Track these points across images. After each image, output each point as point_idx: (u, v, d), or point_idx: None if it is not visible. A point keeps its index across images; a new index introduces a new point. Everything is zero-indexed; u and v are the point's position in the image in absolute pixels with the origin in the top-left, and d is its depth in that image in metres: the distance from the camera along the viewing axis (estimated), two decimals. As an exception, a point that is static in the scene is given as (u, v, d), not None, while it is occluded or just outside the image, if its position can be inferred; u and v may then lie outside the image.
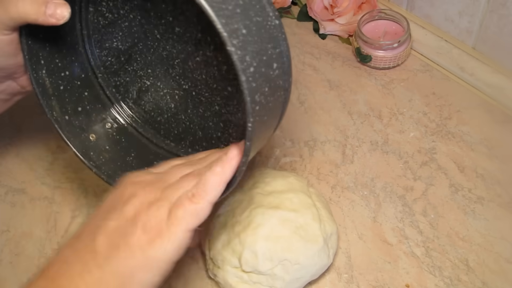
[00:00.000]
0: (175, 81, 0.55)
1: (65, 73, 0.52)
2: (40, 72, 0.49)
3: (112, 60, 0.56)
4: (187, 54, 0.52)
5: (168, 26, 0.52)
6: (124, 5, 0.52)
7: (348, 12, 0.77)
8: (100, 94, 0.57)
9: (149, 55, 0.55)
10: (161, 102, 0.57)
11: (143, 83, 0.57)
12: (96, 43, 0.55)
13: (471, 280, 0.55)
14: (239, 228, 0.53)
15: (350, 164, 0.65)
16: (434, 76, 0.73)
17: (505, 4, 0.63)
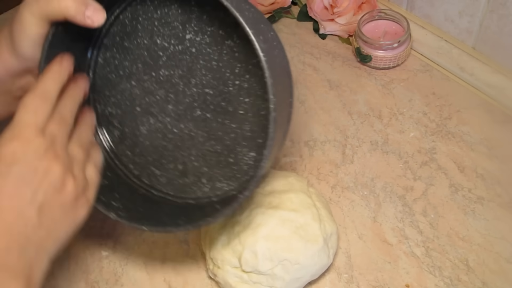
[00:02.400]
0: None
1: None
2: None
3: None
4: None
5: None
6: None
7: (348, 12, 0.77)
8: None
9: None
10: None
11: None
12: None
13: (471, 280, 0.55)
14: (239, 228, 0.53)
15: (350, 164, 0.65)
16: (434, 76, 0.73)
17: (505, 4, 0.63)
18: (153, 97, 0.54)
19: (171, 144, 0.55)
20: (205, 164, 0.54)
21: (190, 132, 0.54)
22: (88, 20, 0.44)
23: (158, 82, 0.54)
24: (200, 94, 0.53)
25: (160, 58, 0.53)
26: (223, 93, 0.52)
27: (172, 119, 0.54)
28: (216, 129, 0.53)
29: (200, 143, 0.54)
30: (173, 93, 0.54)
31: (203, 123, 0.53)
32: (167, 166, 0.55)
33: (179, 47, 0.52)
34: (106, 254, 0.60)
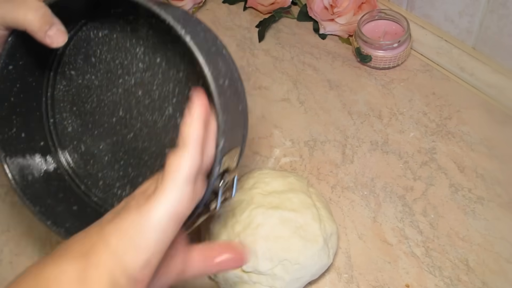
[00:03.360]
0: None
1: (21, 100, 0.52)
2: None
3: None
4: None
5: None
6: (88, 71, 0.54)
7: (348, 12, 0.77)
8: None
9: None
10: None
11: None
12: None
13: (471, 280, 0.55)
14: (239, 228, 0.53)
15: (350, 164, 0.65)
16: (434, 76, 0.73)
17: (505, 4, 0.63)
18: (111, 113, 0.55)
19: (120, 160, 0.55)
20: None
21: (140, 156, 0.54)
22: (47, 39, 0.44)
23: (116, 102, 0.54)
24: (156, 122, 0.53)
25: (121, 77, 0.53)
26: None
27: (125, 139, 0.54)
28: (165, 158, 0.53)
29: (148, 167, 0.54)
30: (130, 114, 0.54)
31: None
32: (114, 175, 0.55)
33: (145, 71, 0.53)
34: (106, 254, 0.60)
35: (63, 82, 0.55)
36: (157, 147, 0.53)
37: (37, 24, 0.43)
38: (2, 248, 0.62)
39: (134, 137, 0.54)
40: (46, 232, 0.63)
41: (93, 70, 0.54)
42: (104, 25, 0.53)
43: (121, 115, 0.54)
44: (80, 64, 0.54)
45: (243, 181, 0.58)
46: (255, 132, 0.70)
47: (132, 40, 0.52)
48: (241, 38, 0.83)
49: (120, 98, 0.54)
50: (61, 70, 0.54)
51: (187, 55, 0.49)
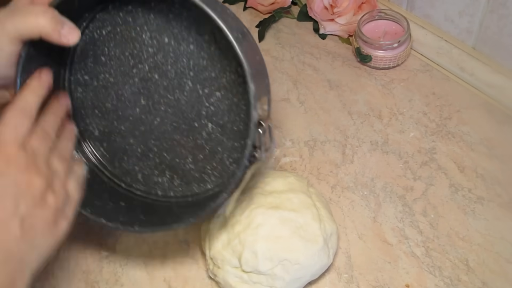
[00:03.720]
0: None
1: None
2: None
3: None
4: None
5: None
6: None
7: (348, 12, 0.77)
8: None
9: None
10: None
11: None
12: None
13: (471, 280, 0.55)
14: (239, 228, 0.53)
15: (350, 164, 0.65)
16: (434, 76, 0.73)
17: (505, 4, 0.63)
18: (133, 105, 0.55)
19: (153, 148, 0.55)
20: (184, 164, 0.55)
21: (172, 137, 0.55)
22: (63, 39, 0.45)
23: (135, 92, 0.54)
24: (179, 100, 0.53)
25: (135, 67, 0.54)
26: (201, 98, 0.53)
27: (153, 126, 0.55)
28: (196, 132, 0.53)
29: (182, 146, 0.54)
30: (152, 100, 0.54)
31: (183, 129, 0.54)
32: (150, 170, 0.56)
33: (156, 54, 0.53)
34: (106, 254, 0.60)
35: (79, 89, 0.55)
36: (186, 123, 0.53)
37: (50, 26, 0.44)
38: (2, 248, 0.62)
39: (161, 121, 0.54)
40: (46, 232, 0.63)
41: (105, 69, 0.55)
42: (106, 22, 0.53)
43: (144, 104, 0.54)
44: (91, 66, 0.55)
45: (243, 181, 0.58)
46: (255, 132, 0.70)
47: (136, 29, 0.53)
48: (241, 38, 0.83)
49: (138, 88, 0.54)
50: (74, 79, 0.55)
51: (193, 26, 0.50)
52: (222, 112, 0.51)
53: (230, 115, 0.51)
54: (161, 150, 0.55)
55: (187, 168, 0.55)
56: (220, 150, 0.53)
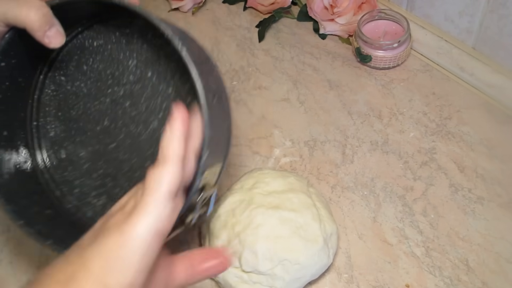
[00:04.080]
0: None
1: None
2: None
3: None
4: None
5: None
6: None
7: (348, 12, 0.77)
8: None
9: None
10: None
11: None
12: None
13: (471, 280, 0.55)
14: (239, 228, 0.53)
15: (350, 164, 0.65)
16: (434, 76, 0.73)
17: (505, 4, 0.63)
18: (96, 122, 0.55)
19: (99, 169, 0.54)
20: (122, 196, 0.53)
21: (121, 167, 0.54)
22: (46, 40, 0.45)
23: (102, 111, 0.54)
24: (140, 134, 0.53)
25: (111, 87, 0.54)
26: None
27: (107, 149, 0.54)
28: (146, 171, 0.52)
29: (128, 178, 0.53)
30: (115, 124, 0.54)
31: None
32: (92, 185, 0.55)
33: (136, 83, 0.53)
34: (106, 254, 0.60)
35: (52, 87, 0.55)
36: (138, 159, 0.53)
37: (37, 23, 0.44)
38: (2, 248, 0.62)
39: (116, 148, 0.54)
40: (46, 232, 0.63)
41: (83, 78, 0.55)
42: (100, 35, 0.54)
43: (106, 125, 0.54)
44: (71, 70, 0.55)
45: (243, 181, 0.58)
46: (255, 132, 0.70)
47: (126, 53, 0.53)
48: (241, 38, 0.83)
49: (107, 108, 0.54)
50: (51, 75, 0.55)
51: (178, 71, 0.50)
52: None
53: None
54: (106, 174, 0.54)
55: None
56: None
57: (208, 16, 0.87)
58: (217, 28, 0.85)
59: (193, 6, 0.87)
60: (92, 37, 0.53)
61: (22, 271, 0.60)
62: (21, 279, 0.59)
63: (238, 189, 0.57)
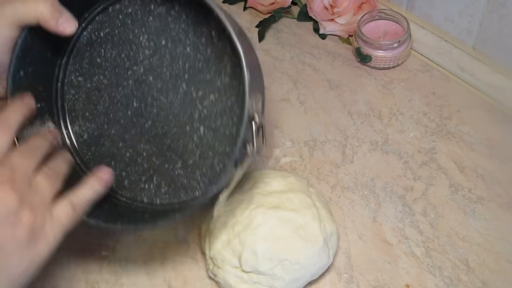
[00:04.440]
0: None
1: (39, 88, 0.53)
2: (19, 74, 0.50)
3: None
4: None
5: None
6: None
7: (348, 12, 0.77)
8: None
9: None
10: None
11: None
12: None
13: (471, 280, 0.55)
14: (239, 228, 0.53)
15: (350, 164, 0.65)
16: (434, 76, 0.73)
17: (505, 4, 0.63)
18: (125, 107, 0.54)
19: (142, 152, 0.54)
20: (173, 170, 0.53)
21: (163, 142, 0.53)
22: (60, 27, 0.46)
23: (128, 94, 0.54)
24: (172, 102, 0.53)
25: (130, 68, 0.54)
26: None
27: (144, 129, 0.54)
28: (188, 136, 0.52)
29: (173, 150, 0.53)
30: (145, 102, 0.54)
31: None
32: (134, 171, 0.54)
33: (152, 56, 0.53)
34: (106, 254, 0.60)
35: (72, 91, 0.55)
36: (178, 127, 0.52)
37: (48, 13, 0.45)
38: (2, 248, 0.62)
39: (152, 124, 0.53)
40: (46, 232, 0.63)
41: (100, 71, 0.54)
42: (105, 24, 0.54)
43: (136, 106, 0.53)
44: (86, 68, 0.54)
45: (243, 181, 0.58)
46: (255, 132, 0.70)
47: (134, 31, 0.53)
48: (241, 38, 0.83)
49: (132, 90, 0.53)
50: (67, 81, 0.55)
51: (191, 27, 0.51)
52: (215, 116, 0.50)
53: (223, 119, 0.50)
54: (150, 154, 0.53)
55: (175, 174, 0.52)
56: (211, 155, 0.51)
57: (208, 16, 0.87)
58: (217, 28, 0.85)
59: (193, 6, 0.87)
60: (97, 29, 0.53)
61: (22, 271, 0.60)
62: (21, 279, 0.59)
63: (238, 189, 0.57)
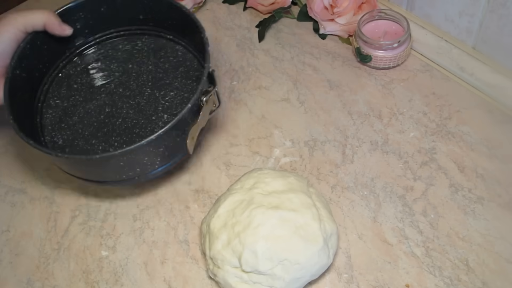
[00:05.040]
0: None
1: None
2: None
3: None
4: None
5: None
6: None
7: (348, 12, 0.77)
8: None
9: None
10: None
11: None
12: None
13: (471, 280, 0.55)
14: (239, 228, 0.53)
15: (350, 164, 0.65)
16: (434, 76, 0.73)
17: (505, 4, 0.63)
18: (98, 113, 0.65)
19: (114, 143, 0.62)
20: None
21: (132, 131, 0.63)
22: (61, 29, 0.62)
23: (101, 104, 0.65)
24: (139, 103, 0.65)
25: (103, 87, 0.66)
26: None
27: (115, 126, 0.63)
28: (154, 123, 0.63)
29: (141, 136, 0.62)
30: (115, 106, 0.65)
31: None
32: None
33: (121, 76, 0.67)
34: (106, 254, 0.60)
35: (49, 111, 0.65)
36: (145, 118, 0.63)
37: (52, 17, 0.60)
38: (2, 248, 0.62)
39: (123, 121, 0.63)
40: (46, 232, 0.63)
41: (76, 93, 0.66)
42: (82, 61, 0.68)
43: (108, 111, 0.64)
44: (64, 93, 0.66)
45: (243, 181, 0.58)
46: (255, 132, 0.70)
47: (106, 63, 0.68)
48: (241, 38, 0.83)
49: (104, 100, 0.64)
50: (46, 104, 0.65)
51: (152, 52, 0.67)
52: (175, 105, 0.63)
53: (182, 106, 0.60)
54: (121, 143, 0.61)
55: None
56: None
57: (208, 16, 0.87)
58: (217, 28, 0.85)
59: (193, 6, 0.87)
60: (74, 66, 0.68)
61: (22, 271, 0.60)
62: (21, 279, 0.59)
63: (238, 189, 0.57)
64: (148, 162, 0.56)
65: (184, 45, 0.68)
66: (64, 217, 0.64)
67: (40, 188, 0.68)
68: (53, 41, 0.63)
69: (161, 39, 0.68)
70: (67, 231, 0.63)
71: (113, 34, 0.68)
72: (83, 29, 0.67)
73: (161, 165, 0.58)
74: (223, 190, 0.64)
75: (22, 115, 0.59)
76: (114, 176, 0.57)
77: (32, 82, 0.63)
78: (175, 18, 0.64)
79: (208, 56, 0.58)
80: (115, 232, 0.62)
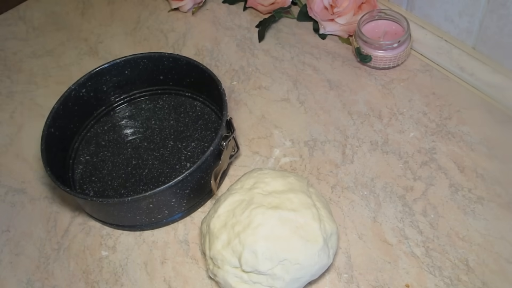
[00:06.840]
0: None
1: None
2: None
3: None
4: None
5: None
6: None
7: (348, 12, 0.77)
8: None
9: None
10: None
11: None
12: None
13: (471, 280, 0.55)
14: (239, 228, 0.53)
15: (350, 164, 0.65)
16: (434, 76, 0.73)
17: (505, 4, 0.63)
18: (126, 166, 0.68)
19: (142, 192, 0.61)
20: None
21: (158, 180, 0.66)
22: None
23: (128, 157, 0.69)
24: (163, 154, 0.69)
25: (129, 142, 0.70)
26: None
27: (142, 176, 0.67)
28: (178, 171, 0.67)
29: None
30: (141, 159, 0.68)
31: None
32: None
33: (145, 131, 0.71)
34: (106, 254, 0.60)
35: (80, 167, 0.68)
36: (169, 168, 0.67)
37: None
38: (2, 248, 0.62)
39: (149, 171, 0.67)
40: (46, 232, 0.63)
41: (104, 149, 0.70)
42: (108, 121, 0.73)
43: (134, 163, 0.68)
44: (93, 150, 0.70)
45: (243, 181, 0.58)
46: (255, 132, 0.70)
47: (130, 120, 0.73)
48: (241, 38, 0.83)
49: (130, 154, 0.69)
50: (77, 160, 0.69)
51: (173, 109, 0.73)
52: (197, 154, 0.68)
53: (203, 155, 0.60)
54: (148, 192, 0.61)
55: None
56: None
57: (208, 16, 0.87)
58: (217, 28, 0.85)
59: (193, 6, 0.87)
60: (101, 125, 0.72)
61: (22, 271, 0.60)
62: (21, 279, 0.59)
63: (238, 189, 0.57)
64: (175, 204, 0.60)
65: (201, 100, 0.73)
66: (64, 217, 0.64)
67: (40, 188, 0.68)
68: (82, 103, 0.69)
69: (180, 97, 0.74)
70: (67, 231, 0.63)
71: (136, 95, 0.75)
72: (110, 91, 0.72)
73: (187, 208, 0.62)
74: (223, 190, 0.64)
75: (56, 169, 0.62)
76: (144, 219, 0.60)
77: (64, 140, 0.68)
78: (193, 76, 0.70)
79: (225, 105, 0.63)
80: (115, 232, 0.62)
